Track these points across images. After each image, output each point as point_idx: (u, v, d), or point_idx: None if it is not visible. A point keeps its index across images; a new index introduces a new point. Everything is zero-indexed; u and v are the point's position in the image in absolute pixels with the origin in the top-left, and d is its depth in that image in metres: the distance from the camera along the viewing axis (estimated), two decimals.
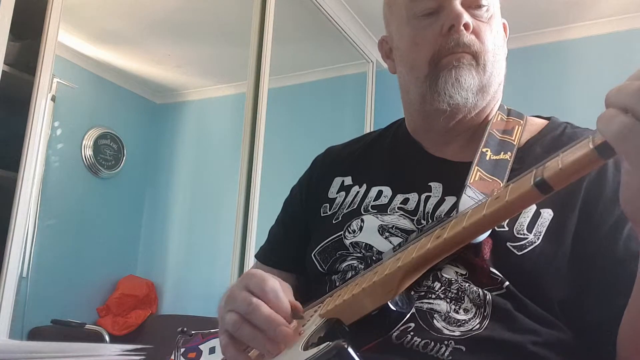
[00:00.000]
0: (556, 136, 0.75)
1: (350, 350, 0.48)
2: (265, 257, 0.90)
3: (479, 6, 0.75)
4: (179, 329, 1.46)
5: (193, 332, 1.47)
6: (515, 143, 0.74)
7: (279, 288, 0.59)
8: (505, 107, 0.83)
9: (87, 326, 2.37)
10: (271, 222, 0.94)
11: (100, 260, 2.89)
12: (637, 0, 2.53)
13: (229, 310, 0.59)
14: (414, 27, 0.76)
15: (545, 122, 0.79)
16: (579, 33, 2.74)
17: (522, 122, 0.79)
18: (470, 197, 0.66)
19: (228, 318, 0.59)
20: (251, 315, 0.56)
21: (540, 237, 0.64)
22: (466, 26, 0.72)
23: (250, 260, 2.02)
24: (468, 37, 0.72)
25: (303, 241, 0.83)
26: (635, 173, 0.42)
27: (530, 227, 0.65)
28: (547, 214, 0.66)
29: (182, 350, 1.47)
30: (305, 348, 0.53)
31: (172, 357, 1.46)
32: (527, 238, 0.64)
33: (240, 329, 0.57)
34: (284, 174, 1.38)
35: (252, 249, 2.05)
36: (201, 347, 1.50)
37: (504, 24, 0.82)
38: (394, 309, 0.55)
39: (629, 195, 0.45)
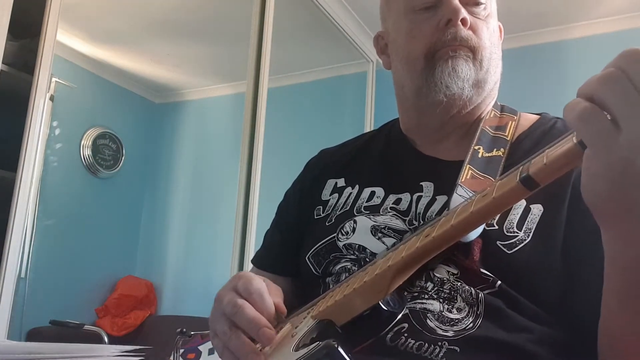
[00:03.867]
0: (546, 130, 0.75)
1: (340, 349, 0.48)
2: (261, 261, 0.90)
3: (477, 3, 0.76)
4: (178, 329, 1.45)
5: (192, 332, 1.47)
6: (508, 139, 0.74)
7: (265, 289, 0.60)
8: (499, 104, 0.82)
9: (86, 327, 2.36)
10: (270, 222, 0.94)
11: (99, 261, 2.89)
12: (637, 0, 2.53)
13: (217, 317, 0.61)
14: (411, 20, 0.76)
15: (536, 117, 0.79)
16: (579, 33, 2.74)
17: (515, 117, 0.79)
18: (461, 196, 0.66)
19: (218, 328, 0.60)
20: (236, 316, 0.57)
21: (531, 234, 0.64)
22: (463, 21, 0.73)
23: (249, 261, 2.02)
24: (465, 32, 0.73)
25: (298, 245, 0.83)
26: (594, 157, 0.42)
27: (520, 225, 0.65)
28: (537, 210, 0.65)
29: (181, 351, 1.47)
30: (297, 349, 0.53)
31: (171, 357, 1.45)
32: (517, 236, 0.64)
33: (229, 341, 0.58)
34: (283, 174, 1.37)
35: (251, 249, 2.05)
36: (200, 347, 1.49)
37: (499, 26, 0.82)
38: (386, 308, 0.55)
39: (587, 181, 0.44)
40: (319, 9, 2.57)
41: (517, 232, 0.64)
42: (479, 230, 0.63)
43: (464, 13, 0.73)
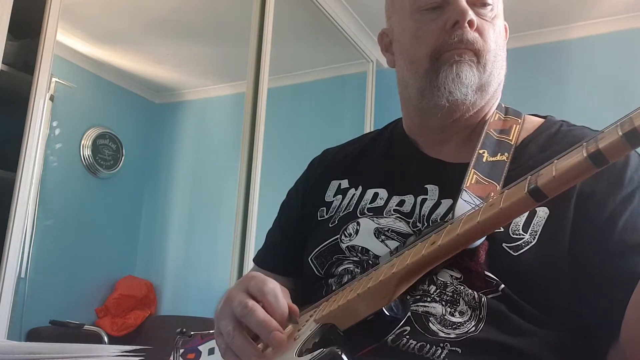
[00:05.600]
0: (551, 134, 0.74)
1: (344, 356, 0.48)
2: (263, 261, 0.89)
3: (484, 5, 0.75)
4: (178, 329, 1.45)
5: (192, 332, 1.46)
6: (512, 143, 0.74)
7: (279, 290, 0.60)
8: (503, 106, 0.82)
9: (86, 327, 2.37)
10: (271, 222, 0.93)
11: (98, 261, 2.88)
12: (637, 0, 2.53)
13: (224, 316, 0.60)
14: (416, 20, 0.75)
15: (541, 120, 0.79)
16: (579, 33, 2.73)
17: (519, 120, 0.78)
18: (466, 201, 0.65)
19: (223, 326, 0.59)
20: (246, 318, 0.57)
21: (537, 237, 0.64)
22: (470, 23, 0.72)
23: (249, 261, 2.02)
24: (472, 35, 0.72)
25: (300, 245, 0.83)
26: None
27: (525, 227, 0.64)
28: (543, 213, 0.65)
29: (181, 351, 1.47)
30: (300, 354, 0.53)
31: (171, 358, 1.45)
32: (523, 238, 0.64)
33: (233, 341, 0.58)
34: (283, 175, 1.37)
35: (251, 249, 2.04)
36: (200, 348, 1.49)
37: (505, 25, 0.82)
38: (389, 314, 0.55)
39: None
40: (319, 9, 2.56)
41: (523, 235, 0.64)
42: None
43: (471, 15, 0.72)
